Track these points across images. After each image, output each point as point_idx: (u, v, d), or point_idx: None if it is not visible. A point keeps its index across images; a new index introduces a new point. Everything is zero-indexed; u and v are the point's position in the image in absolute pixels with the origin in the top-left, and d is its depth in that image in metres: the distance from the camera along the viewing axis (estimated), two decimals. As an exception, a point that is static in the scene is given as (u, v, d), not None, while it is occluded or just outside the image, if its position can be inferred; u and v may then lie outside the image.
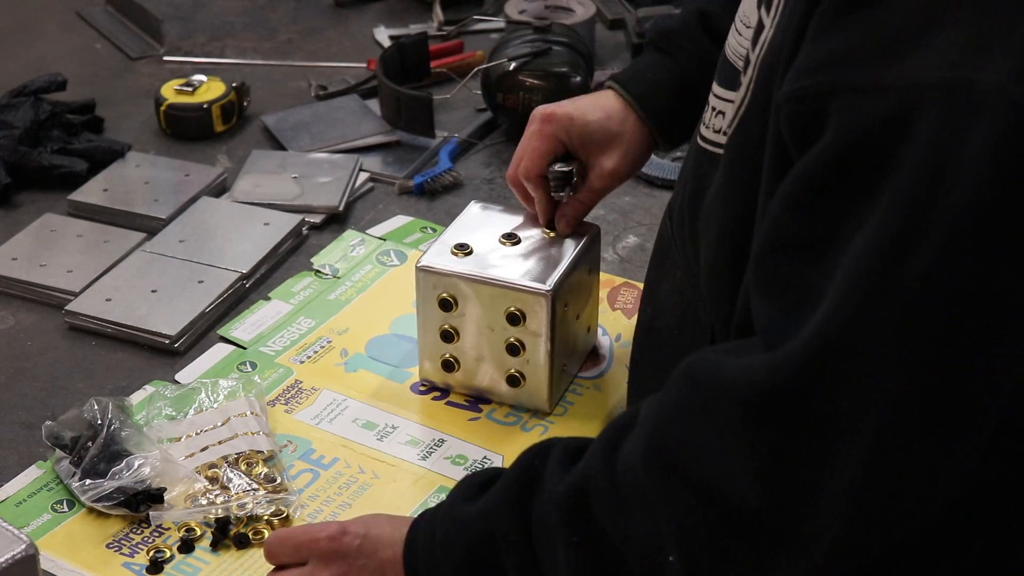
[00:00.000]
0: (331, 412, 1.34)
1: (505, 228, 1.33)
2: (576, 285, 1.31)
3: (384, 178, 1.69)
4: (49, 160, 1.66)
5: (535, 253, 1.30)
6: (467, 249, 1.30)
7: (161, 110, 1.77)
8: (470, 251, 1.30)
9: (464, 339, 1.31)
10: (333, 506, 1.23)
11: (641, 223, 1.61)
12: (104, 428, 1.23)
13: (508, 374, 1.31)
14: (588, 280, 1.34)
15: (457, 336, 1.31)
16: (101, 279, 1.50)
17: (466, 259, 1.29)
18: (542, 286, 1.26)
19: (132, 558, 1.18)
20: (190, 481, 1.22)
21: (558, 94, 1.71)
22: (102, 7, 2.09)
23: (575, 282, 1.30)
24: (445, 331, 1.31)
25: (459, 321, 1.30)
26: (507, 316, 1.28)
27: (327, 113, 1.81)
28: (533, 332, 1.28)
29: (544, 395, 1.31)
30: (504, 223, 1.34)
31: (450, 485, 1.24)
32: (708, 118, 1.11)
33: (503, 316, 1.28)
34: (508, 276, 1.27)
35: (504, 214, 1.35)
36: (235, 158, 1.73)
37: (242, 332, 1.43)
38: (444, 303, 1.29)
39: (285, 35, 2.03)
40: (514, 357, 1.30)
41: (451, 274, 1.28)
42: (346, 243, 1.56)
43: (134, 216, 1.61)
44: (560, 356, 1.30)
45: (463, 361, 1.32)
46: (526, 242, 1.31)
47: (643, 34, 1.93)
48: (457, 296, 1.28)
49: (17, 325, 1.47)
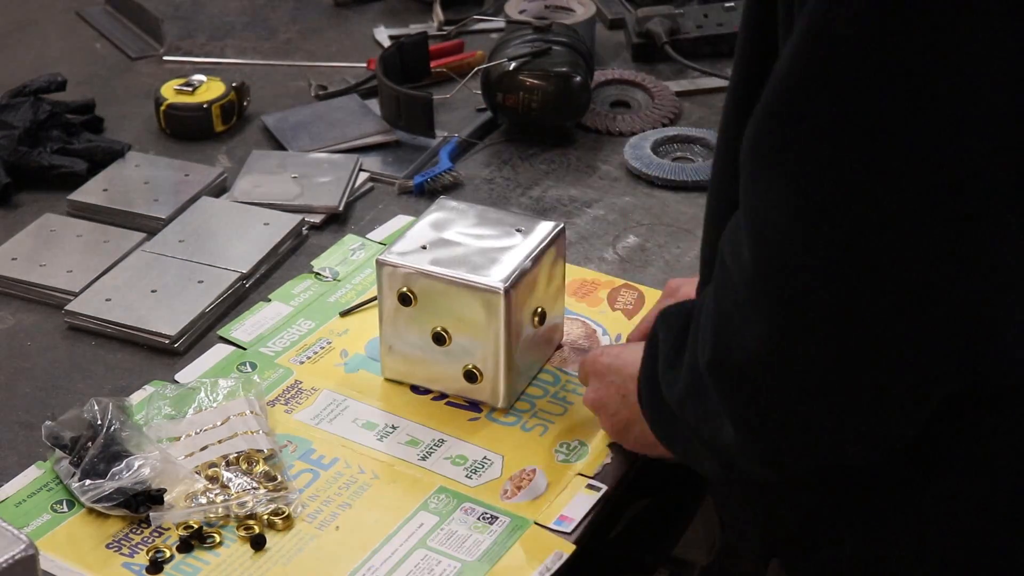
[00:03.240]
0: (331, 412, 1.34)
1: (471, 225, 1.35)
2: (535, 281, 1.32)
3: (384, 178, 1.69)
4: (49, 160, 1.66)
5: (497, 251, 1.31)
6: (431, 245, 1.32)
7: (161, 110, 1.77)
8: (434, 247, 1.32)
9: (424, 335, 1.32)
10: (333, 506, 1.23)
11: (641, 223, 1.61)
12: (104, 428, 1.23)
13: (466, 370, 1.32)
14: (551, 276, 1.35)
15: (417, 331, 1.32)
16: (101, 279, 1.50)
17: (427, 254, 1.31)
18: (497, 283, 1.27)
19: (132, 558, 1.18)
20: (190, 481, 1.22)
21: (558, 94, 1.71)
22: (102, 7, 2.09)
23: (534, 279, 1.31)
24: (405, 326, 1.32)
25: (419, 316, 1.31)
26: (464, 312, 1.29)
27: (327, 113, 1.80)
28: (489, 328, 1.29)
29: (500, 392, 1.32)
30: (471, 220, 1.35)
31: (450, 486, 1.25)
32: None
33: (460, 312, 1.29)
34: (466, 273, 1.29)
35: (472, 211, 1.37)
36: (235, 158, 1.73)
37: (242, 333, 1.43)
38: (403, 297, 1.31)
39: (285, 35, 2.03)
40: (471, 353, 1.31)
41: (410, 269, 1.30)
42: (346, 247, 1.56)
43: (134, 216, 1.61)
44: (517, 352, 1.31)
45: (422, 356, 1.33)
46: (489, 239, 1.33)
47: (643, 34, 1.93)
48: (416, 291, 1.30)
49: (17, 325, 1.47)
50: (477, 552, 1.19)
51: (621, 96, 1.84)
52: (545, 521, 1.22)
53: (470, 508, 1.23)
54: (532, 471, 1.27)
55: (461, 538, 1.20)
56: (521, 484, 1.25)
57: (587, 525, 1.22)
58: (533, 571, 1.17)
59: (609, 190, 1.67)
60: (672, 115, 1.80)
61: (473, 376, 1.32)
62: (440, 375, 1.34)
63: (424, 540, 1.20)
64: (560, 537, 1.21)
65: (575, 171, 1.70)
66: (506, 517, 1.22)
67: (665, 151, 1.72)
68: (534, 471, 1.27)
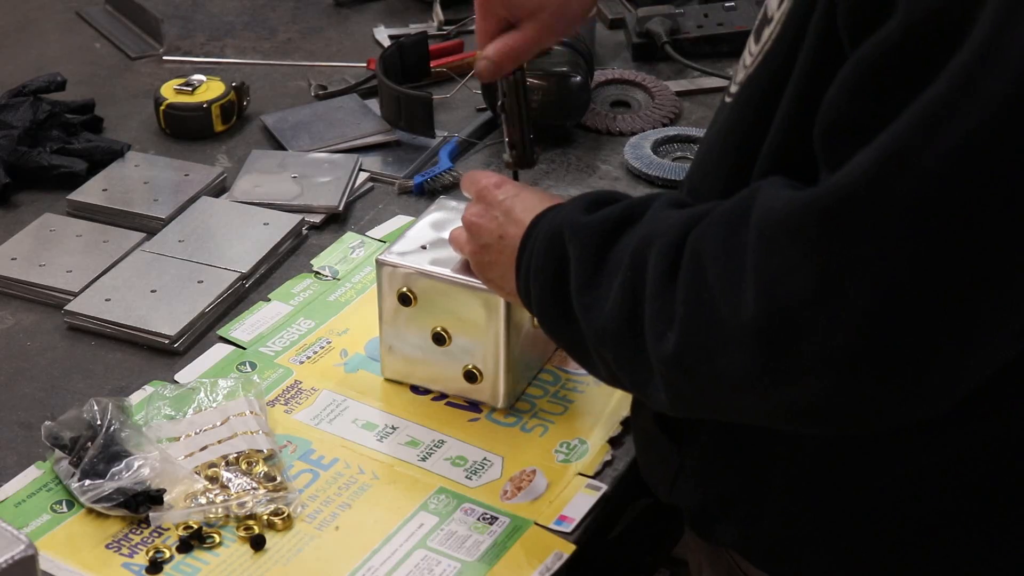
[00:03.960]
0: (331, 412, 1.34)
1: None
2: None
3: (384, 178, 1.69)
4: (48, 160, 1.66)
5: None
6: (430, 245, 1.32)
7: (160, 110, 1.77)
8: (434, 247, 1.31)
9: (424, 334, 1.31)
10: (333, 506, 1.23)
11: (641, 223, 1.60)
12: (103, 428, 1.23)
13: (466, 370, 1.31)
14: None
15: (417, 331, 1.32)
16: (100, 279, 1.50)
17: (427, 254, 1.31)
18: None
19: (131, 558, 1.18)
20: (190, 481, 1.22)
21: (558, 94, 1.71)
22: (101, 7, 2.09)
23: None
24: (405, 326, 1.32)
25: (419, 316, 1.31)
26: (464, 312, 1.29)
27: (327, 113, 1.80)
28: (489, 329, 1.29)
29: (500, 392, 1.32)
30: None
31: (450, 486, 1.25)
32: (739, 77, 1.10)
33: (460, 312, 1.29)
34: (466, 273, 1.28)
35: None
36: (235, 158, 1.73)
37: (242, 333, 1.43)
38: (403, 297, 1.31)
39: (285, 35, 2.03)
40: (471, 354, 1.31)
41: (410, 269, 1.30)
42: (346, 245, 1.56)
43: (133, 216, 1.61)
44: (517, 353, 1.31)
45: (422, 357, 1.33)
46: None
47: (643, 34, 1.93)
48: (416, 291, 1.30)
49: (16, 325, 1.47)
50: (477, 552, 1.19)
51: (621, 96, 1.84)
52: (545, 521, 1.22)
53: (470, 508, 1.23)
54: (532, 471, 1.27)
55: (461, 538, 1.20)
56: (521, 484, 1.25)
57: (587, 525, 1.22)
58: (533, 571, 1.17)
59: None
60: (672, 115, 1.80)
61: (473, 376, 1.32)
62: (440, 375, 1.34)
63: (424, 540, 1.20)
64: (560, 537, 1.21)
65: (575, 171, 1.70)
66: (506, 517, 1.22)
67: (665, 151, 1.72)
68: (534, 471, 1.27)
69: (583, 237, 1.09)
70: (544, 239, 1.13)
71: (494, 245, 1.20)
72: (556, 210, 1.15)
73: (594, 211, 1.10)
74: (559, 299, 1.10)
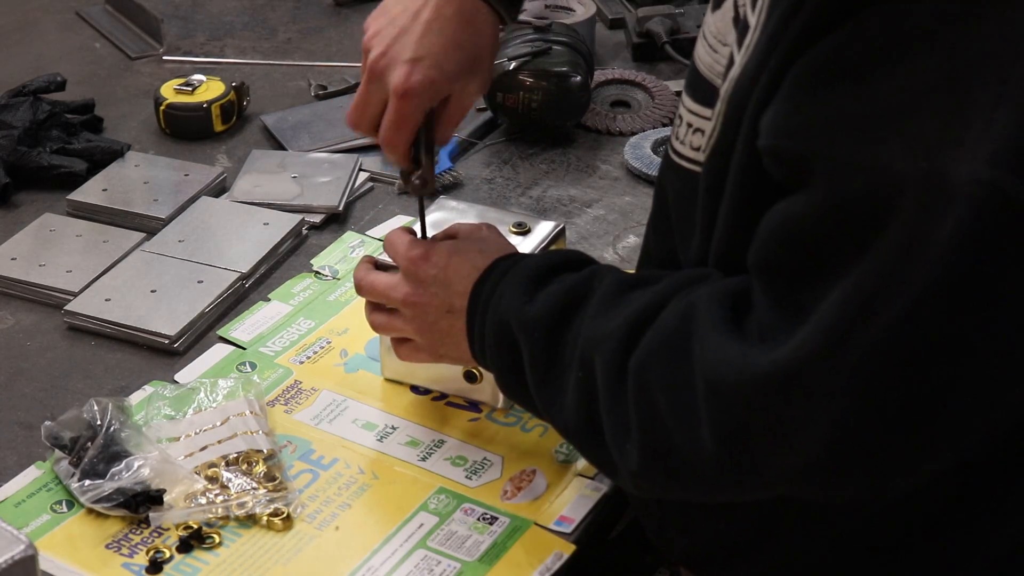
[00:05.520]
0: (331, 412, 1.34)
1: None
2: None
3: (384, 178, 1.69)
4: (48, 160, 1.66)
5: None
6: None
7: (160, 110, 1.77)
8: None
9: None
10: (333, 506, 1.23)
11: (641, 223, 1.60)
12: (103, 429, 1.23)
13: (466, 370, 1.31)
14: None
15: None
16: (100, 279, 1.50)
17: None
18: None
19: (131, 558, 1.18)
20: (189, 481, 1.22)
21: (558, 94, 1.71)
22: (101, 7, 2.09)
23: None
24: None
25: None
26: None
27: (327, 113, 1.80)
28: None
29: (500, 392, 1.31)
30: (471, 220, 1.35)
31: (450, 486, 1.25)
32: (682, 133, 1.11)
33: None
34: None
35: (472, 211, 1.38)
36: (235, 158, 1.73)
37: (241, 333, 1.43)
38: None
39: (285, 35, 2.03)
40: None
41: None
42: (346, 244, 1.56)
43: (133, 216, 1.61)
44: None
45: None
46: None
47: (643, 34, 1.93)
48: None
49: (16, 325, 1.47)
50: (477, 552, 1.19)
51: (621, 96, 1.84)
52: (545, 522, 1.22)
53: (470, 509, 1.23)
54: (532, 472, 1.27)
55: (461, 538, 1.20)
56: (521, 485, 1.25)
57: (587, 525, 1.22)
58: (533, 571, 1.17)
59: (609, 190, 1.67)
60: (672, 115, 1.80)
61: (473, 376, 1.32)
62: (440, 375, 1.34)
63: (424, 540, 1.20)
64: (560, 537, 1.21)
65: (575, 171, 1.70)
66: (506, 518, 1.22)
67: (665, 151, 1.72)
68: (534, 472, 1.27)
69: (530, 332, 1.12)
70: (493, 330, 1.15)
71: (441, 321, 1.20)
72: (493, 284, 1.16)
73: (535, 293, 1.13)
74: (520, 389, 1.16)
